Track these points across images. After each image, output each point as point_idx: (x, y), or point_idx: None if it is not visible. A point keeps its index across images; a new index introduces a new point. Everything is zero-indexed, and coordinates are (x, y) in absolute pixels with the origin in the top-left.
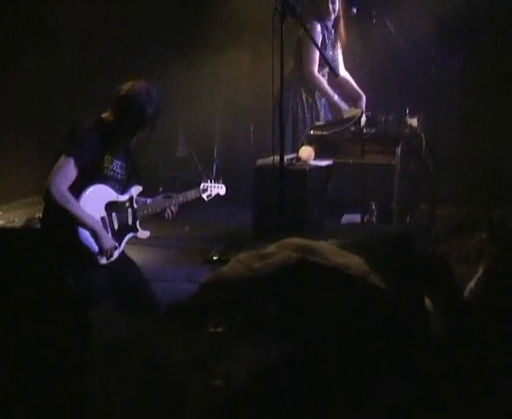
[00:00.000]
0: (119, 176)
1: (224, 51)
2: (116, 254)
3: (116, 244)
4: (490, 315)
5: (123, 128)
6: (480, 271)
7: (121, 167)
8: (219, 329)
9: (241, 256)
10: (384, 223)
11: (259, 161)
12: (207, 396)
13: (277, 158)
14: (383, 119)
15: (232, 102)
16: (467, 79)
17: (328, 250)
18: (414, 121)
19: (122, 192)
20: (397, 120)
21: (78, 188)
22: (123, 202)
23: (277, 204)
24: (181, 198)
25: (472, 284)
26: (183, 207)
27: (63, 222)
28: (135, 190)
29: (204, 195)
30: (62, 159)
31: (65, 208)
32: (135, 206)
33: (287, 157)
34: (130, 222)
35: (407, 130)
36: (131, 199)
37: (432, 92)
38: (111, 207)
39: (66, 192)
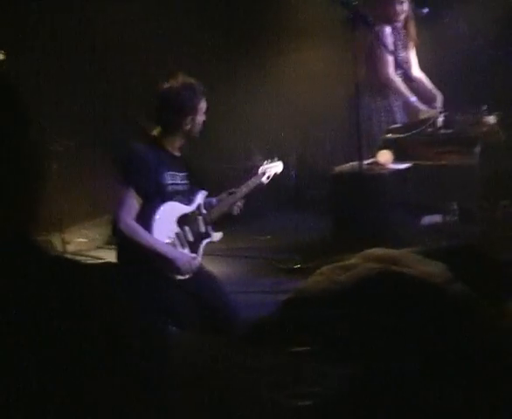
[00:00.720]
0: (183, 187)
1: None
2: (196, 263)
3: (193, 255)
4: None
5: (177, 131)
6: None
7: (182, 177)
8: (305, 349)
9: (324, 268)
10: (465, 223)
11: (337, 168)
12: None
13: (356, 164)
14: (460, 119)
15: (300, 109)
16: None
17: (411, 258)
18: (492, 119)
19: (189, 202)
20: (474, 120)
21: (147, 214)
22: (193, 213)
23: (358, 210)
24: (244, 189)
25: None
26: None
27: (137, 254)
28: (201, 196)
29: (264, 178)
30: (123, 191)
31: (136, 240)
32: (204, 212)
33: (365, 162)
34: (203, 229)
35: (485, 129)
36: (199, 207)
37: (509, 90)
38: (182, 221)
39: (133, 224)
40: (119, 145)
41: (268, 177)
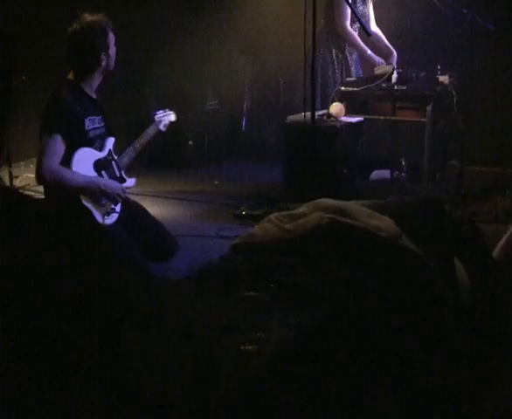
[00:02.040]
0: (99, 132)
1: (254, 4)
2: (124, 188)
3: (122, 185)
4: None
5: (94, 71)
6: (510, 230)
7: (98, 121)
8: (252, 293)
9: (273, 216)
10: (413, 180)
11: (290, 118)
12: (239, 361)
13: (308, 114)
14: (414, 76)
15: (261, 57)
16: (501, 42)
17: (359, 211)
18: (446, 79)
19: (101, 147)
20: (428, 78)
21: (66, 161)
22: (106, 158)
23: (308, 161)
24: (146, 137)
25: (501, 243)
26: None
27: (64, 196)
28: (110, 142)
29: (161, 126)
30: (47, 139)
31: (61, 181)
32: (115, 157)
33: (317, 113)
34: (118, 174)
35: (438, 87)
36: (110, 152)
37: (464, 52)
38: (98, 166)
39: (58, 166)
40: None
41: (165, 126)
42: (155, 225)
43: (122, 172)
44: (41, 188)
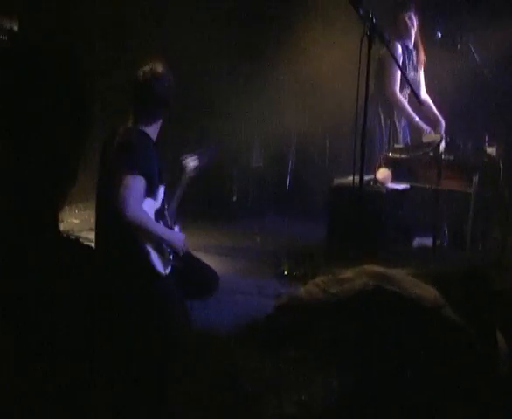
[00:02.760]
0: (157, 179)
1: (305, 65)
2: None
3: (184, 239)
4: None
5: (160, 119)
6: None
7: (157, 168)
8: (295, 354)
9: (318, 279)
10: (455, 248)
11: (337, 181)
12: None
13: (356, 178)
14: (462, 146)
15: (308, 116)
16: None
17: (404, 279)
18: (493, 150)
19: (156, 196)
20: (475, 148)
21: None
22: (160, 208)
23: (353, 225)
24: (184, 183)
25: None
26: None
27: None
28: (162, 191)
29: (190, 174)
30: (130, 179)
31: (144, 225)
32: (166, 207)
33: (364, 178)
34: (169, 224)
35: (486, 159)
36: (163, 201)
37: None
38: (157, 216)
39: (144, 211)
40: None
41: (195, 169)
42: (197, 262)
43: (172, 222)
44: (87, 235)
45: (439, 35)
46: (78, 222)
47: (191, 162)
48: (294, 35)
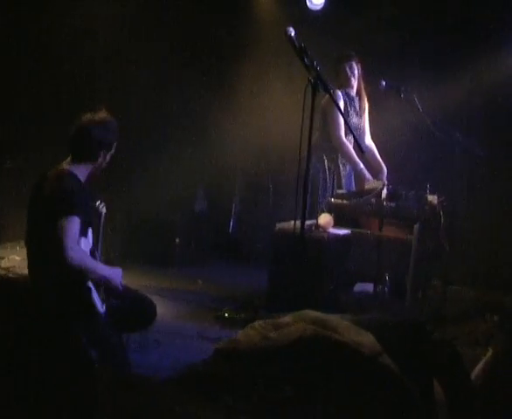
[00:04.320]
0: (89, 220)
1: (251, 111)
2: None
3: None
4: (495, 400)
5: (101, 166)
6: (489, 354)
7: (90, 210)
8: (232, 403)
9: (256, 323)
10: (396, 296)
11: (279, 225)
12: None
13: (297, 223)
14: (403, 194)
15: (252, 161)
16: (490, 169)
17: (342, 325)
18: (434, 199)
19: (87, 236)
20: (417, 196)
21: None
22: (92, 247)
23: (293, 270)
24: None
25: (480, 366)
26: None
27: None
28: (91, 232)
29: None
30: (66, 222)
31: (87, 267)
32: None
33: (306, 223)
34: (100, 258)
35: (427, 207)
36: (93, 242)
37: (454, 174)
38: (92, 255)
39: (82, 250)
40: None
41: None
42: (133, 293)
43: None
44: (26, 271)
45: (384, 84)
46: (19, 259)
47: (103, 208)
48: (241, 80)
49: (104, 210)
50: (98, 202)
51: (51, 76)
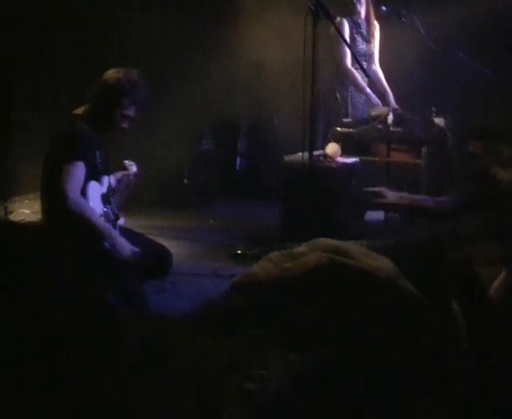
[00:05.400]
0: (101, 167)
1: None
2: (136, 253)
3: (136, 249)
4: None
5: (115, 118)
6: (504, 273)
7: (101, 156)
8: (253, 332)
9: (272, 255)
10: (407, 221)
11: (287, 158)
12: (241, 399)
13: (305, 155)
14: (409, 118)
15: (257, 95)
16: (496, 87)
17: (358, 251)
18: (441, 121)
19: (101, 182)
20: (424, 120)
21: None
22: (107, 194)
23: (304, 201)
24: (129, 172)
25: (495, 285)
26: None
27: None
28: (107, 179)
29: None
30: (69, 166)
31: (83, 213)
32: (112, 194)
33: (314, 153)
34: (116, 211)
35: (434, 130)
36: (109, 188)
37: (460, 95)
38: (104, 200)
39: (83, 199)
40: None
41: (133, 173)
42: (149, 242)
43: (118, 209)
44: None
45: (384, 9)
46: (28, 212)
47: (133, 167)
48: (240, 19)
49: (133, 169)
50: (128, 161)
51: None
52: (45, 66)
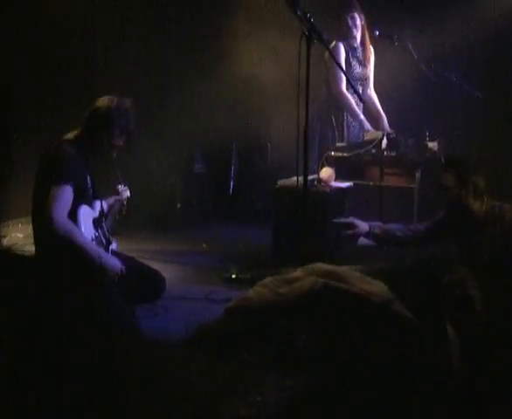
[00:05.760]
0: (91, 192)
1: (244, 69)
2: (123, 271)
3: (122, 267)
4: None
5: (103, 145)
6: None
7: (90, 181)
8: (248, 357)
9: (267, 280)
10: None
11: (281, 182)
12: None
13: (300, 179)
14: (403, 142)
15: (249, 120)
16: (488, 110)
17: (353, 276)
18: (434, 145)
19: (93, 206)
20: (417, 144)
21: (72, 216)
22: (99, 218)
23: (298, 225)
24: (122, 197)
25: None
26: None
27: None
28: (99, 204)
29: (123, 199)
30: (57, 188)
31: (70, 236)
32: (104, 219)
33: (308, 178)
34: (107, 235)
35: (427, 154)
36: (101, 213)
37: (453, 119)
38: (95, 225)
39: (70, 221)
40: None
41: (126, 198)
42: (141, 266)
43: (109, 233)
44: (29, 248)
45: (377, 33)
46: (22, 236)
47: (127, 192)
48: (235, 41)
49: (126, 194)
50: (121, 185)
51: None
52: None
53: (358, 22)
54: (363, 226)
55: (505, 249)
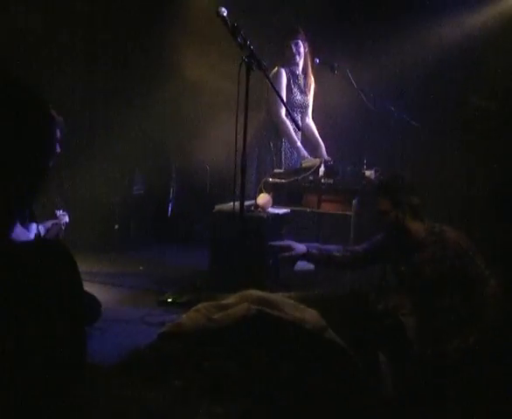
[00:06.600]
0: (28, 213)
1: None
2: None
3: None
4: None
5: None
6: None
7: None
8: (179, 383)
9: (201, 305)
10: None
11: (218, 207)
12: None
13: (236, 204)
14: (341, 170)
15: (188, 143)
16: (425, 140)
17: (285, 303)
18: (371, 174)
19: (29, 229)
20: (354, 172)
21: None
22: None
23: (234, 251)
24: (61, 222)
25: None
26: (138, 246)
27: None
28: (36, 227)
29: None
30: None
31: None
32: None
33: (245, 203)
34: None
35: (364, 182)
36: (38, 234)
37: (390, 148)
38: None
39: None
40: None
41: (64, 223)
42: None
43: None
44: None
45: (317, 61)
46: None
47: (65, 217)
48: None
49: (65, 220)
50: (60, 211)
51: None
52: None
53: (302, 49)
54: (301, 247)
55: (449, 269)
